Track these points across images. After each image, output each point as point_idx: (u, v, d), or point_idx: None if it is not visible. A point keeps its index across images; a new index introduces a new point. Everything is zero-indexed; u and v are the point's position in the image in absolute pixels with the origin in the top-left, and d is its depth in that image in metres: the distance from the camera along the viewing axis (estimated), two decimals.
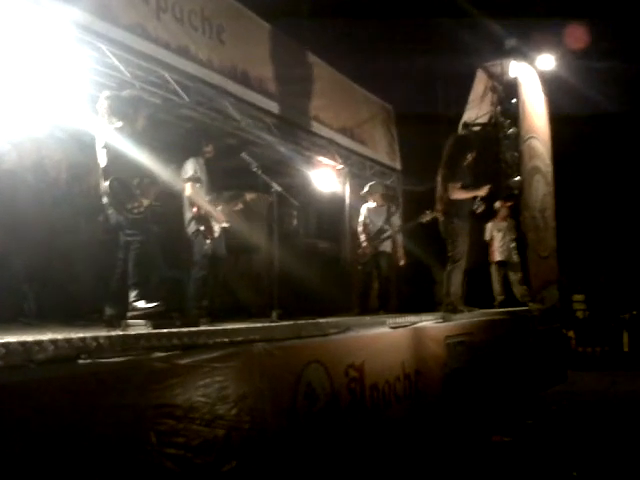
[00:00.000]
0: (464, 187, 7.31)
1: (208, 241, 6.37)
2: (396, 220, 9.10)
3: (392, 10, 10.68)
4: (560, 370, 9.46)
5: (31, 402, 2.51)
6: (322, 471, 4.04)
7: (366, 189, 9.09)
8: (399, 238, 9.10)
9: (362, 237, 8.87)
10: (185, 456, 3.08)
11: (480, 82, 11.34)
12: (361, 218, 8.99)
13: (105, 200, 5.30)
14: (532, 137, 11.27)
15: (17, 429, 2.43)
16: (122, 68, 6.35)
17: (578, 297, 12.77)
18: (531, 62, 11.35)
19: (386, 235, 8.76)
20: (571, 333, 11.57)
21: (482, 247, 10.38)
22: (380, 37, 9.93)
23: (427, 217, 7.94)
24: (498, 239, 10.46)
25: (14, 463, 2.39)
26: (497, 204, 10.33)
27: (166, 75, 6.76)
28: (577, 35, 11.34)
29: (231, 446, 3.36)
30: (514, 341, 7.80)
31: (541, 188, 11.29)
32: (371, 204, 9.01)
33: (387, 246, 8.82)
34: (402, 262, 8.95)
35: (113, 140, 5.37)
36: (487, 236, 10.52)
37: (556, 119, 12.20)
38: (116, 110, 5.36)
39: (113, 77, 6.40)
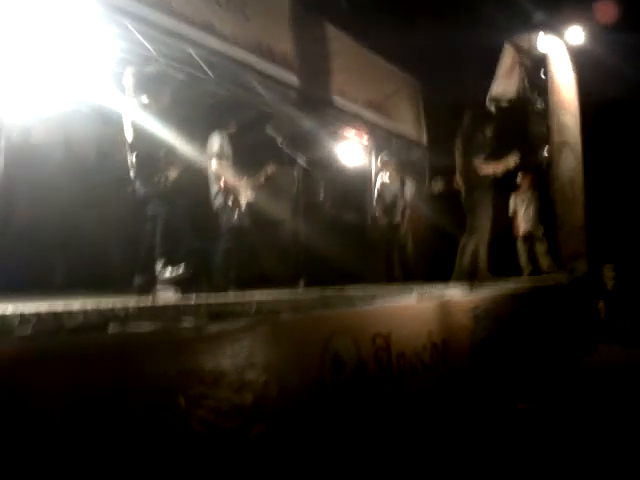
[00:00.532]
0: (487, 160, 7.31)
1: (235, 213, 6.41)
2: (409, 192, 9.12)
3: None
4: (589, 341, 9.39)
5: (62, 369, 2.55)
6: (349, 438, 4.07)
7: (379, 161, 9.14)
8: (413, 209, 9.13)
9: (377, 208, 8.93)
10: (214, 420, 3.12)
11: (508, 56, 11.17)
12: (375, 189, 9.05)
13: (132, 173, 5.37)
14: (561, 111, 11.12)
15: (49, 396, 2.47)
16: (147, 44, 6.37)
17: (608, 268, 12.58)
18: (560, 36, 11.17)
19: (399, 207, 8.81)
20: (601, 305, 11.43)
21: (507, 219, 10.34)
22: (407, 11, 9.79)
23: (437, 186, 7.94)
24: (522, 211, 10.40)
25: (48, 430, 2.43)
26: (519, 177, 10.29)
27: (191, 51, 6.77)
28: (607, 8, 11.10)
29: (259, 412, 3.39)
30: (542, 311, 7.74)
31: (570, 161, 11.14)
32: (385, 176, 9.04)
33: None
34: (410, 232, 9.01)
35: (139, 115, 5.43)
36: (511, 208, 10.47)
37: (585, 93, 12.01)
38: (141, 86, 5.40)
39: (138, 53, 6.43)
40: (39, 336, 2.64)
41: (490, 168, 7.24)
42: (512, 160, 7.36)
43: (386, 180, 9.02)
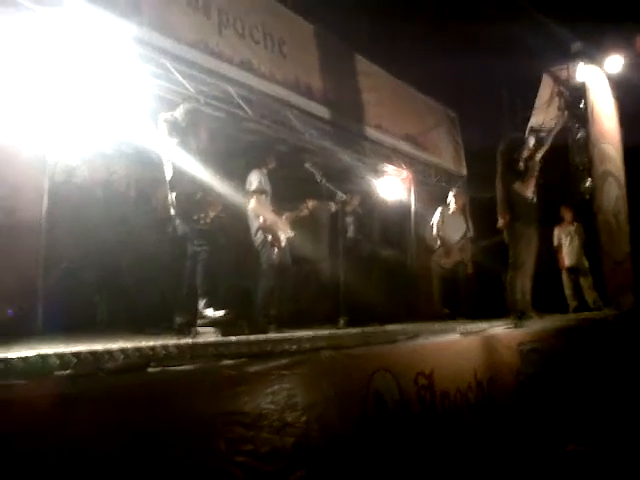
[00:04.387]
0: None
1: (275, 250, 6.40)
2: (471, 228, 9.00)
3: (455, 13, 10.56)
4: (638, 379, 9.12)
5: (102, 412, 2.52)
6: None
7: (452, 195, 9.02)
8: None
9: (438, 242, 8.78)
10: (254, 464, 3.06)
11: (546, 86, 11.11)
12: (437, 222, 8.87)
13: (172, 212, 5.40)
14: (602, 141, 11.00)
15: (89, 439, 2.45)
16: (186, 84, 6.45)
17: None
18: (599, 65, 11.09)
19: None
20: None
21: (552, 253, 10.17)
22: (444, 41, 9.82)
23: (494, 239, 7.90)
24: (566, 244, 10.23)
25: (88, 472, 2.41)
26: (562, 209, 10.16)
27: (230, 89, 6.84)
28: None
29: (300, 454, 3.32)
30: (589, 348, 7.54)
31: (613, 191, 10.99)
32: (449, 211, 8.91)
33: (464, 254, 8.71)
34: (470, 270, 8.80)
35: (177, 155, 5.47)
36: (555, 241, 10.31)
37: (627, 122, 11.87)
38: (175, 127, 5.45)
39: (178, 93, 6.51)
40: (78, 377, 2.61)
41: (521, 186, 7.19)
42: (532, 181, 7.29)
43: (450, 214, 8.88)
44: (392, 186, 10.12)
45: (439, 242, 8.79)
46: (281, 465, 3.20)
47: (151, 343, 3.05)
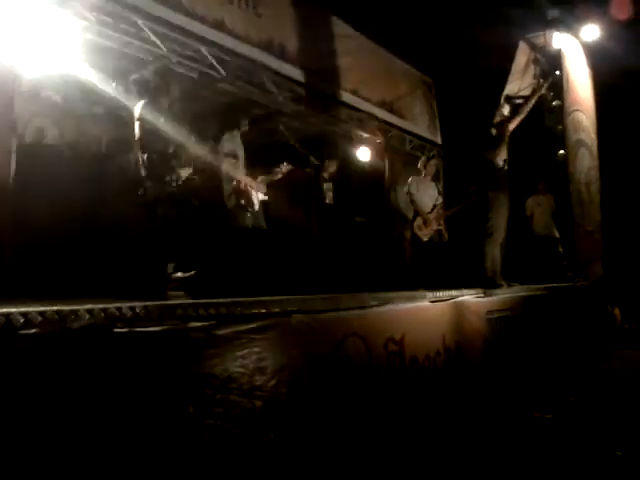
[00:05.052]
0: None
1: (248, 214, 6.36)
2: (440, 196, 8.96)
3: None
4: (605, 347, 9.27)
5: (66, 369, 2.50)
6: (360, 443, 4.00)
7: (421, 162, 8.90)
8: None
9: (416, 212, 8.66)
10: (223, 426, 3.06)
11: (522, 54, 11.06)
12: (411, 191, 8.69)
13: (143, 173, 5.31)
14: (577, 110, 11.00)
15: (51, 398, 2.42)
16: (158, 42, 6.31)
17: None
18: (575, 33, 11.05)
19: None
20: (617, 311, 11.28)
21: (524, 222, 10.23)
22: (422, 7, 9.71)
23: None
24: (538, 214, 10.30)
25: (45, 429, 2.39)
26: (535, 179, 10.22)
27: (202, 49, 6.71)
28: (622, 4, 10.96)
29: (269, 417, 3.33)
30: (557, 317, 7.64)
31: (586, 162, 11.03)
32: (421, 178, 8.77)
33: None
34: (445, 238, 8.76)
35: (147, 115, 5.38)
36: (527, 211, 10.38)
37: (601, 91, 11.88)
38: (145, 87, 5.35)
39: (150, 51, 6.38)
40: (43, 336, 2.58)
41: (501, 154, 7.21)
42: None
43: (422, 182, 8.73)
44: (367, 152, 10.07)
45: (415, 211, 8.69)
46: (251, 428, 3.21)
47: (118, 304, 2.99)
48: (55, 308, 2.70)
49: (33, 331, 2.58)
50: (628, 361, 9.07)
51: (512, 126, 7.63)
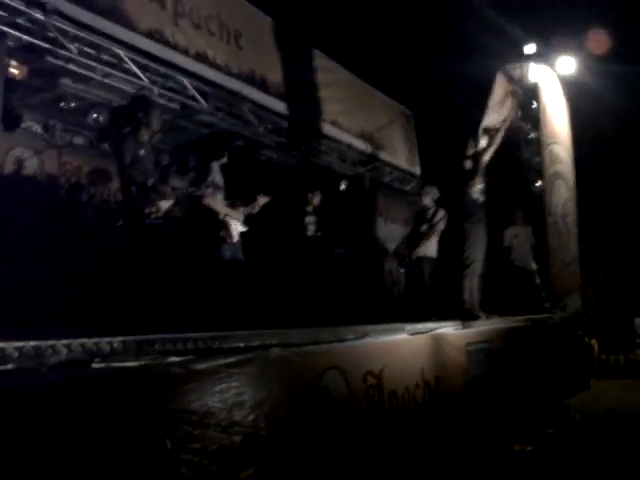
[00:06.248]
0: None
1: (227, 246, 6.34)
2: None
3: (410, 12, 10.60)
4: (582, 378, 9.31)
5: (41, 406, 2.48)
6: (339, 478, 3.98)
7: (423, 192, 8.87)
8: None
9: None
10: (201, 462, 3.03)
11: (500, 86, 11.19)
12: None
13: (123, 205, 5.31)
14: (553, 142, 11.15)
15: (24, 433, 2.40)
16: (140, 74, 6.35)
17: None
18: (552, 65, 11.23)
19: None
20: (594, 341, 11.37)
21: (501, 253, 10.29)
22: (399, 40, 9.85)
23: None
24: (515, 245, 10.37)
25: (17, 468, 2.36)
26: (513, 211, 10.30)
27: (184, 80, 6.76)
28: (598, 38, 11.18)
29: (248, 452, 3.31)
30: (535, 349, 7.67)
31: (563, 193, 11.16)
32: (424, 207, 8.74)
33: (429, 251, 8.49)
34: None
35: (128, 146, 5.39)
36: (505, 242, 10.44)
37: (578, 124, 12.06)
38: (127, 118, 5.36)
39: (131, 83, 6.41)
40: (18, 372, 2.56)
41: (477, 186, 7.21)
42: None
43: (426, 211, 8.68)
44: (347, 184, 10.12)
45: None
46: (229, 463, 3.18)
47: (96, 338, 2.98)
48: (32, 343, 2.68)
49: (10, 367, 2.56)
50: (605, 391, 9.11)
51: (487, 157, 7.67)
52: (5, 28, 5.08)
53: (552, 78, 11.32)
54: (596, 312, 11.55)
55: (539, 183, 10.67)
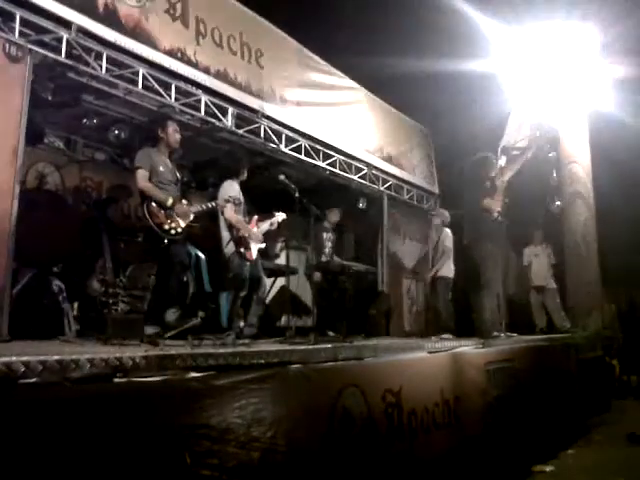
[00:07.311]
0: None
1: (247, 263, 6.37)
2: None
3: (431, 28, 10.63)
4: (603, 399, 9.21)
5: (65, 420, 2.48)
6: None
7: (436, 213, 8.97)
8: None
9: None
10: (220, 478, 3.03)
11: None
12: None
13: (143, 221, 5.35)
14: (573, 162, 11.10)
15: (46, 448, 2.40)
16: (162, 91, 6.41)
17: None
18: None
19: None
20: (615, 361, 11.24)
21: (522, 273, 10.25)
22: (420, 61, 9.88)
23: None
24: (535, 264, 10.32)
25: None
26: (532, 231, 10.27)
27: (205, 98, 6.82)
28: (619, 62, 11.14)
29: (266, 469, 3.30)
30: (555, 368, 7.60)
31: (582, 213, 11.08)
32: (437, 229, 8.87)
33: (443, 271, 8.60)
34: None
35: (149, 163, 5.45)
36: (525, 261, 10.40)
37: (597, 145, 11.99)
38: (149, 135, 5.44)
39: (153, 100, 6.48)
40: (43, 385, 2.58)
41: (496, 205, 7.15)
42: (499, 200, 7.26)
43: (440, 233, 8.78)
44: (365, 201, 10.15)
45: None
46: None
47: (118, 353, 3.00)
48: (56, 357, 2.70)
49: (33, 380, 2.57)
50: (625, 412, 9.00)
51: (507, 177, 7.66)
52: (31, 46, 5.14)
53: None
54: (618, 333, 11.38)
55: (558, 202, 10.62)
